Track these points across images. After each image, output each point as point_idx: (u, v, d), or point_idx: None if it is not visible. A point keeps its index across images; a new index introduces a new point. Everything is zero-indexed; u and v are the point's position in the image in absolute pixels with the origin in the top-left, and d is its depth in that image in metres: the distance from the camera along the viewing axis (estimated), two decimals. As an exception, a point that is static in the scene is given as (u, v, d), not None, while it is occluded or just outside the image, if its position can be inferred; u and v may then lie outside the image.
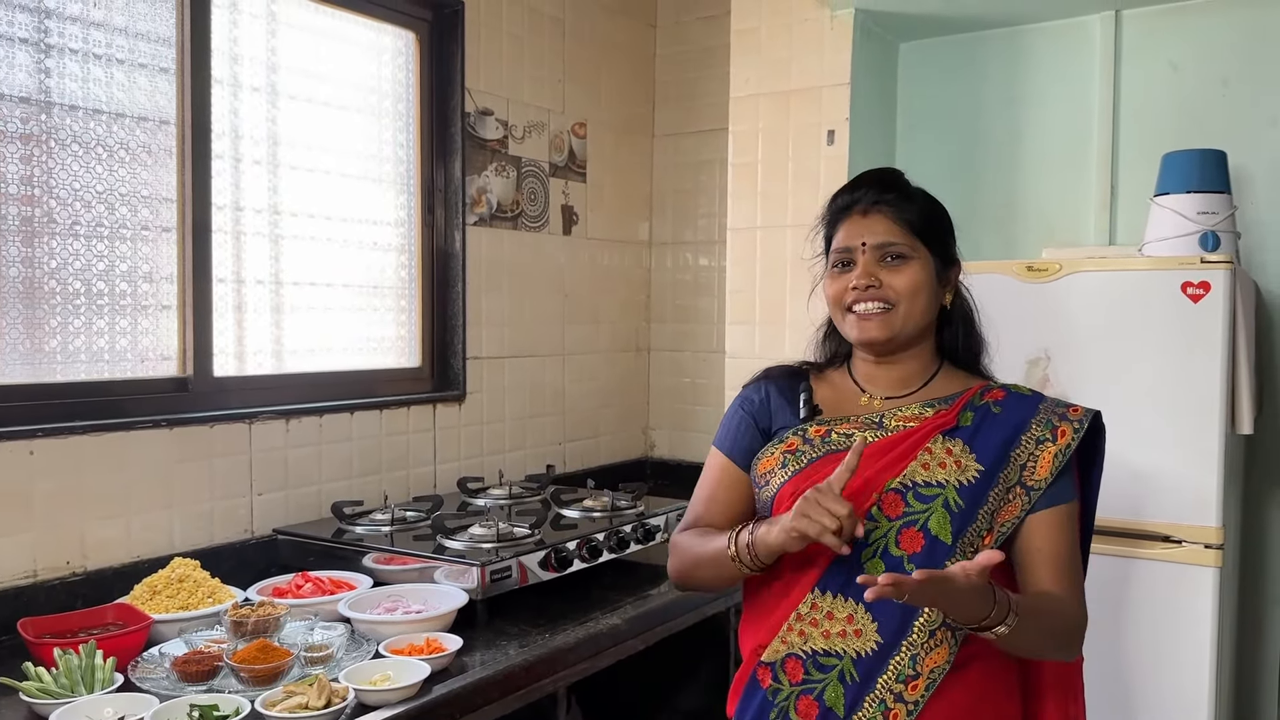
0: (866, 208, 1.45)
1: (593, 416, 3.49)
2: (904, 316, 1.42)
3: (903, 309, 1.42)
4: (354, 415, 2.61)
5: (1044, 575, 1.37)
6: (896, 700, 1.34)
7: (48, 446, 1.98)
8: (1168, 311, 2.22)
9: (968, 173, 3.07)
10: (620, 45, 3.56)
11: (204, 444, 2.25)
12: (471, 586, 2.03)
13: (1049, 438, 1.40)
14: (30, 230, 2.05)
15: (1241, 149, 2.63)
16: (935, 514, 1.36)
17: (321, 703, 1.56)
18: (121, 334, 2.21)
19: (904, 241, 1.43)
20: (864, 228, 1.44)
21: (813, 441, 1.45)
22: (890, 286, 1.42)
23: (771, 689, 1.41)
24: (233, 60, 2.42)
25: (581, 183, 3.40)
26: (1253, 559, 2.69)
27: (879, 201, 1.44)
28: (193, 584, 1.97)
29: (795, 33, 2.95)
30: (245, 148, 2.45)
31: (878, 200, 1.45)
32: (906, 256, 1.43)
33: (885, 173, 1.50)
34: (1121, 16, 2.85)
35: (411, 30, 2.88)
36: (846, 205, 1.48)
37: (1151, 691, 2.24)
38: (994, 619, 1.23)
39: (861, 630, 1.36)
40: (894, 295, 1.42)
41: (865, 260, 1.43)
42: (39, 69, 2.05)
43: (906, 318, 1.43)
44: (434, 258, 2.94)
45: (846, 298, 1.45)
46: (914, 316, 1.43)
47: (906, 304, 1.42)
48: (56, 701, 1.55)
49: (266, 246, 2.51)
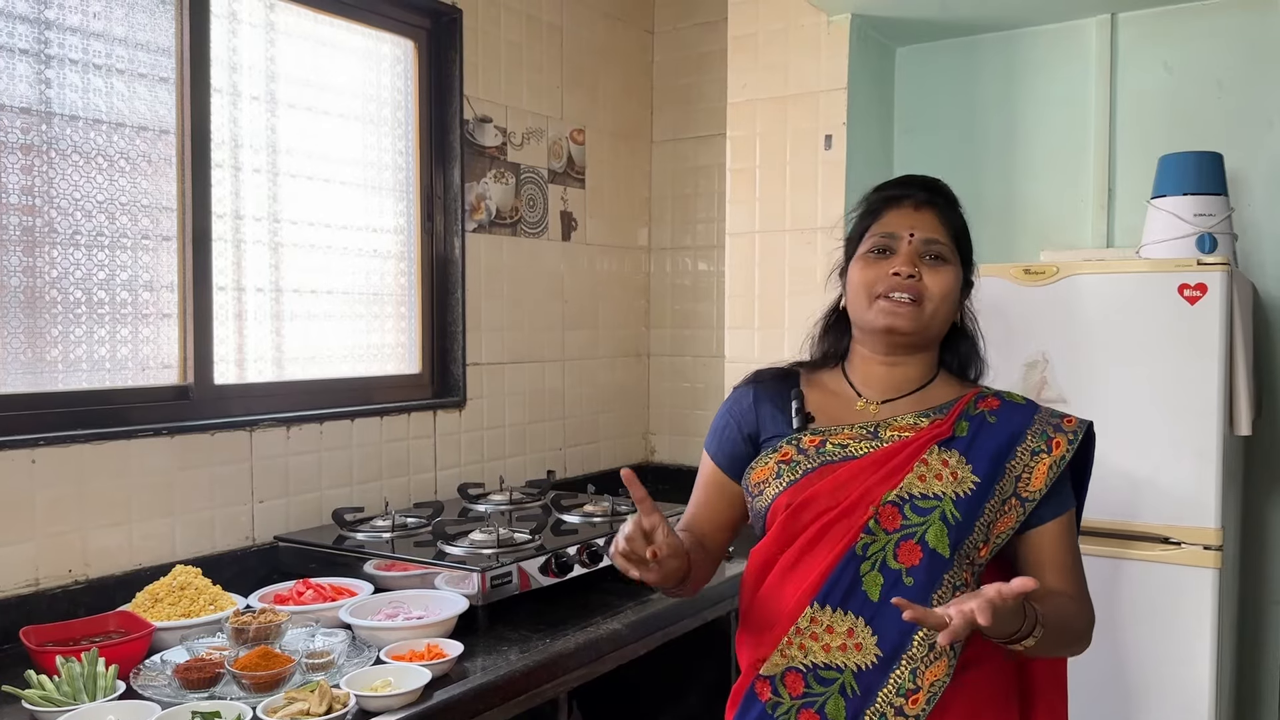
0: (919, 203, 1.47)
1: (593, 422, 3.50)
2: (931, 315, 1.43)
3: (931, 308, 1.43)
4: (354, 422, 2.62)
5: (1053, 581, 1.38)
6: (897, 714, 1.34)
7: (49, 455, 1.99)
8: (1165, 313, 2.23)
9: (965, 176, 3.08)
10: (618, 51, 3.57)
11: (205, 452, 2.26)
12: (472, 592, 2.03)
13: (1044, 449, 1.40)
14: (31, 240, 2.06)
15: (1238, 151, 2.64)
16: (933, 526, 1.36)
17: (323, 709, 1.56)
18: (122, 343, 2.21)
19: (947, 244, 1.45)
20: (916, 219, 1.46)
21: (807, 452, 1.44)
22: (928, 283, 1.43)
23: (771, 702, 1.41)
24: (232, 69, 2.43)
25: (580, 189, 3.41)
26: (1252, 560, 2.69)
27: (931, 201, 1.47)
28: (194, 591, 1.98)
29: (792, 38, 2.96)
30: (245, 156, 2.46)
31: (929, 200, 1.47)
32: (946, 260, 1.45)
33: (933, 179, 1.53)
34: (1117, 20, 2.86)
35: (410, 38, 2.89)
36: (898, 196, 1.49)
37: (1152, 693, 2.24)
38: (1024, 632, 1.24)
39: (862, 644, 1.36)
40: (929, 292, 1.43)
41: (910, 250, 1.44)
42: (39, 80, 2.06)
43: (934, 316, 1.44)
44: (433, 264, 2.95)
45: (880, 285, 1.44)
46: (939, 318, 1.45)
47: (936, 304, 1.43)
48: (59, 709, 1.56)
49: (266, 254, 2.52)
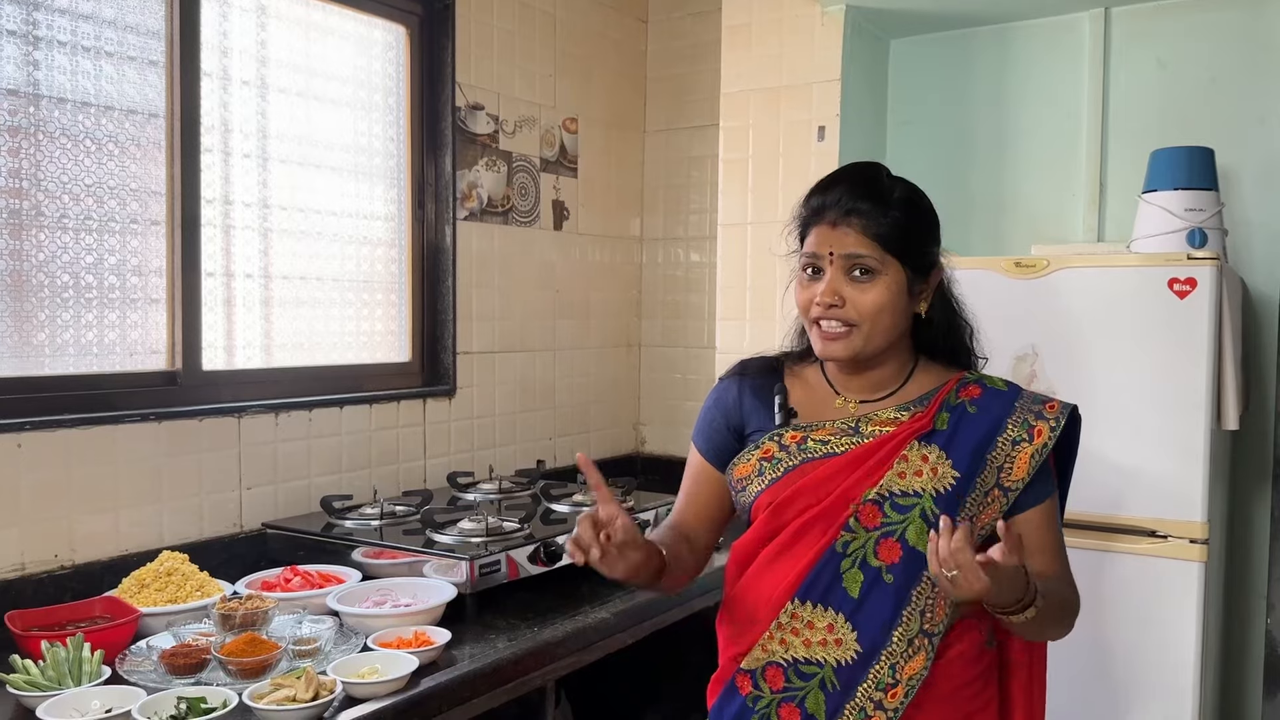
0: (836, 219, 1.39)
1: (583, 412, 3.50)
2: (865, 336, 1.39)
3: (865, 329, 1.38)
4: (343, 410, 2.61)
5: (1039, 565, 1.38)
6: (877, 708, 1.35)
7: (36, 439, 1.98)
8: (1155, 308, 2.23)
9: (957, 169, 3.08)
10: (611, 40, 3.56)
11: (193, 438, 2.25)
12: (460, 580, 2.03)
13: (1025, 438, 1.39)
14: (18, 223, 2.04)
15: (1229, 147, 2.65)
16: (913, 524, 1.36)
17: (309, 695, 1.56)
18: (110, 327, 2.20)
19: (873, 255, 1.37)
20: (834, 237, 1.39)
21: (789, 449, 1.44)
22: (854, 305, 1.38)
23: (751, 696, 1.42)
24: (222, 53, 2.41)
25: (572, 178, 3.40)
26: (1238, 554, 2.71)
27: (851, 211, 1.38)
28: (181, 577, 1.97)
29: (786, 29, 2.96)
30: (235, 141, 2.44)
31: (850, 209, 1.39)
32: (874, 272, 1.38)
33: (863, 172, 1.45)
34: (1110, 14, 2.86)
35: (402, 24, 2.87)
36: (819, 209, 1.42)
37: (1136, 685, 2.26)
38: (1027, 601, 1.26)
39: (842, 640, 1.37)
40: (856, 316, 1.38)
41: (832, 272, 1.39)
42: (27, 61, 2.04)
43: (869, 338, 1.39)
44: (424, 252, 2.94)
45: (812, 310, 1.41)
46: (876, 336, 1.40)
47: (869, 324, 1.38)
48: (44, 694, 1.55)
49: (256, 240, 2.50)
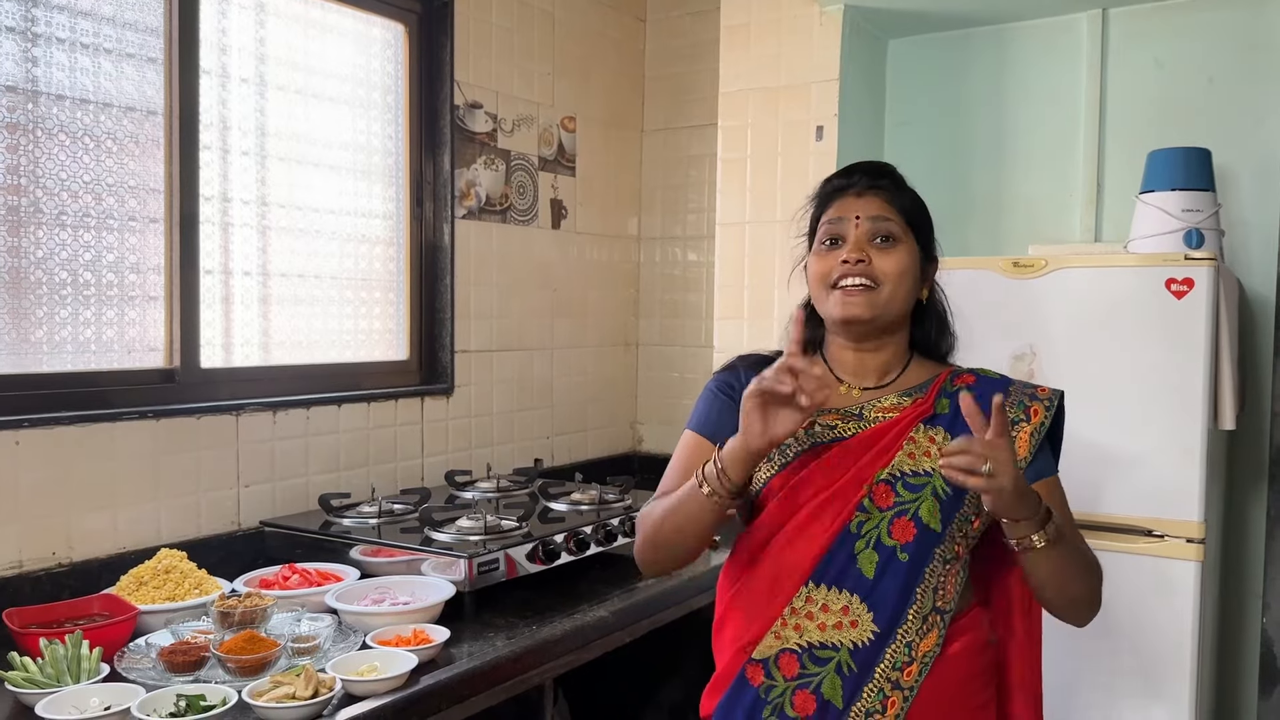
0: (862, 190, 1.46)
1: (581, 410, 3.50)
2: (888, 298, 1.42)
3: (887, 290, 1.42)
4: (341, 408, 2.61)
5: None
6: (894, 688, 1.35)
7: (33, 437, 1.98)
8: (1151, 308, 2.24)
9: (955, 169, 3.09)
10: (610, 39, 3.56)
11: (191, 436, 2.25)
12: (459, 579, 2.03)
13: (1023, 418, 1.43)
14: (16, 220, 2.04)
15: (1226, 147, 2.65)
16: (925, 502, 1.38)
17: (308, 693, 1.56)
18: (108, 325, 2.20)
19: (896, 222, 1.44)
20: (860, 204, 1.45)
21: (795, 434, 1.43)
22: (878, 266, 1.42)
23: (764, 686, 1.40)
24: (221, 51, 2.41)
25: (570, 177, 3.40)
26: (1234, 554, 2.71)
27: (874, 185, 1.46)
28: (179, 575, 1.97)
29: (785, 28, 2.96)
30: (233, 139, 2.44)
31: (873, 184, 1.46)
32: (897, 239, 1.44)
33: (879, 163, 1.52)
34: (1108, 15, 2.86)
35: (401, 22, 2.87)
36: (842, 186, 1.49)
37: (1132, 684, 2.26)
38: (1039, 520, 1.28)
39: (858, 620, 1.37)
40: (881, 275, 1.42)
41: (858, 235, 1.43)
42: (26, 58, 2.04)
43: (890, 299, 1.43)
44: (422, 251, 2.94)
45: (833, 274, 1.44)
46: (897, 300, 1.44)
47: (892, 286, 1.42)
48: (42, 691, 1.55)
49: (254, 238, 2.50)
